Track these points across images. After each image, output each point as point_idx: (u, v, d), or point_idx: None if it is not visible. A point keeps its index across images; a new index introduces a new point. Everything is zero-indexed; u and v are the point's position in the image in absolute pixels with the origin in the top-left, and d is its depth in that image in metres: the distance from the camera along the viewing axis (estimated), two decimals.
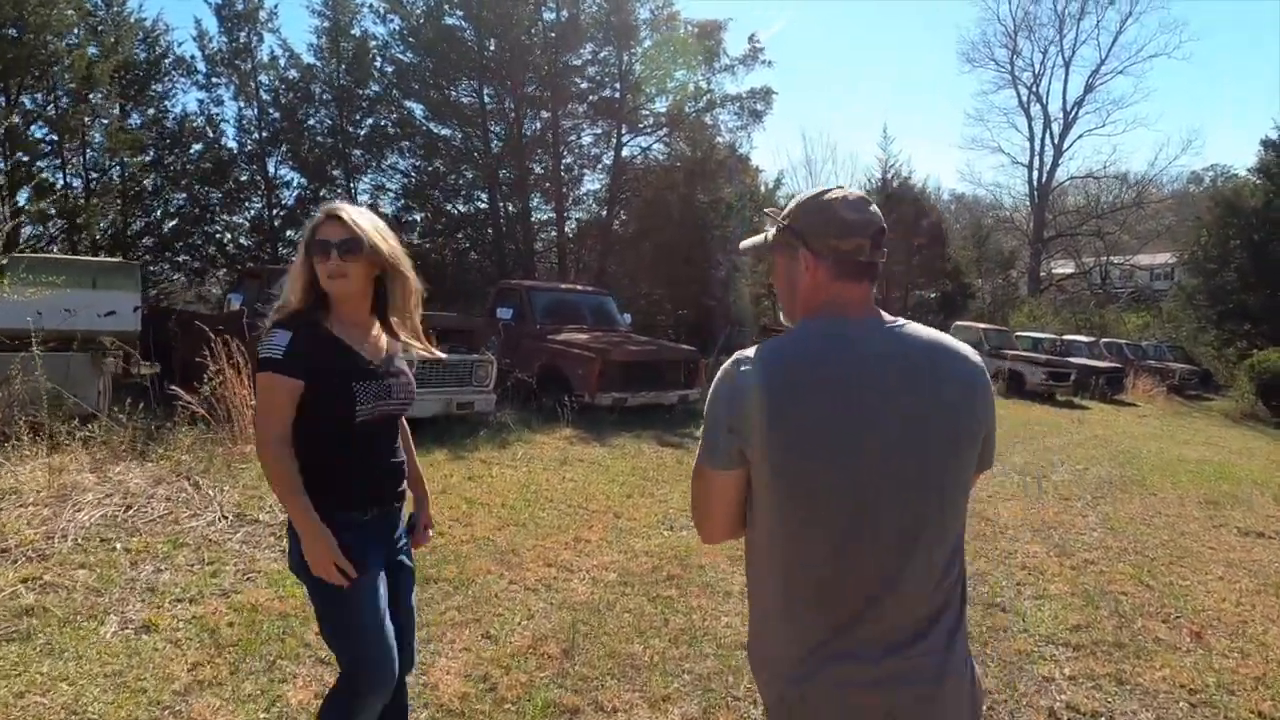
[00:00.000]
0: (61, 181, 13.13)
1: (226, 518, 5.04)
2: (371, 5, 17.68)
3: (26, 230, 12.42)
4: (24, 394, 6.14)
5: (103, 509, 4.95)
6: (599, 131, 19.86)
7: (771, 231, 1.48)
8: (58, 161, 13.19)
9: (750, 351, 1.36)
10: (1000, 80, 44.68)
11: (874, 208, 1.40)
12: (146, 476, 5.68)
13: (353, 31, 17.53)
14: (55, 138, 12.78)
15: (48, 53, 11.72)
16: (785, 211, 1.45)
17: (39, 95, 12.45)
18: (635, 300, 17.74)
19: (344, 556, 1.95)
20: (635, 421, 9.61)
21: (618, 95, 18.93)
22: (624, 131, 19.41)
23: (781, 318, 1.53)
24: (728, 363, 1.37)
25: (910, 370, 1.30)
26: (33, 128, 12.41)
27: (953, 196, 42.17)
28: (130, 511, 4.98)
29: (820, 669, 1.28)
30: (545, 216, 20.41)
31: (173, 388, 6.63)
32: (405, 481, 2.24)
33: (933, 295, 25.40)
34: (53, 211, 11.83)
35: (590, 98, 19.21)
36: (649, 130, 19.76)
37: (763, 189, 21.36)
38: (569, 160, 19.91)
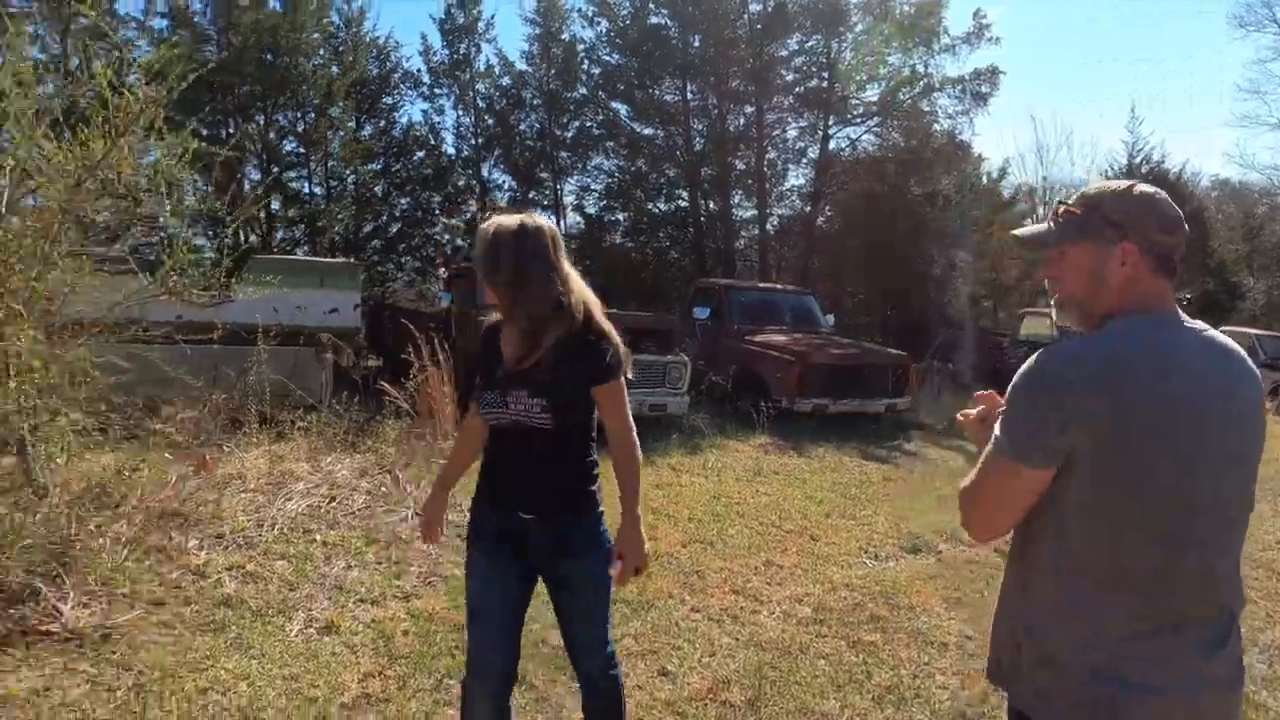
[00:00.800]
0: (306, 190, 14.56)
1: (419, 515, 5.06)
2: (580, 10, 18.17)
3: (279, 234, 13.79)
4: (256, 385, 6.62)
5: (310, 499, 5.15)
6: (804, 124, 19.10)
7: (1060, 223, 1.46)
8: (304, 172, 14.64)
9: (1073, 348, 1.33)
10: None
11: None
12: (353, 468, 5.90)
13: (562, 37, 18.05)
14: (302, 150, 14.17)
15: (298, 73, 12.95)
16: (1094, 201, 1.42)
17: (289, 112, 13.86)
18: (840, 300, 16.87)
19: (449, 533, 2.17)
20: (837, 431, 8.92)
21: (825, 85, 18.07)
22: (831, 123, 18.52)
23: (1055, 313, 1.52)
24: (1044, 359, 1.33)
25: (1234, 383, 1.34)
26: (284, 141, 13.81)
27: (1215, 182, 36.41)
28: (333, 503, 5.14)
29: (1140, 669, 1.30)
30: (747, 214, 19.96)
31: (380, 383, 6.91)
32: (552, 497, 2.13)
33: (1187, 296, 22.10)
34: (297, 217, 13.04)
35: (796, 89, 18.49)
36: (858, 120, 18.70)
37: (985, 179, 19.58)
38: (772, 155, 19.31)
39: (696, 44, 17.79)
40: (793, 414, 9.08)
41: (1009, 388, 1.37)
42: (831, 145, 18.89)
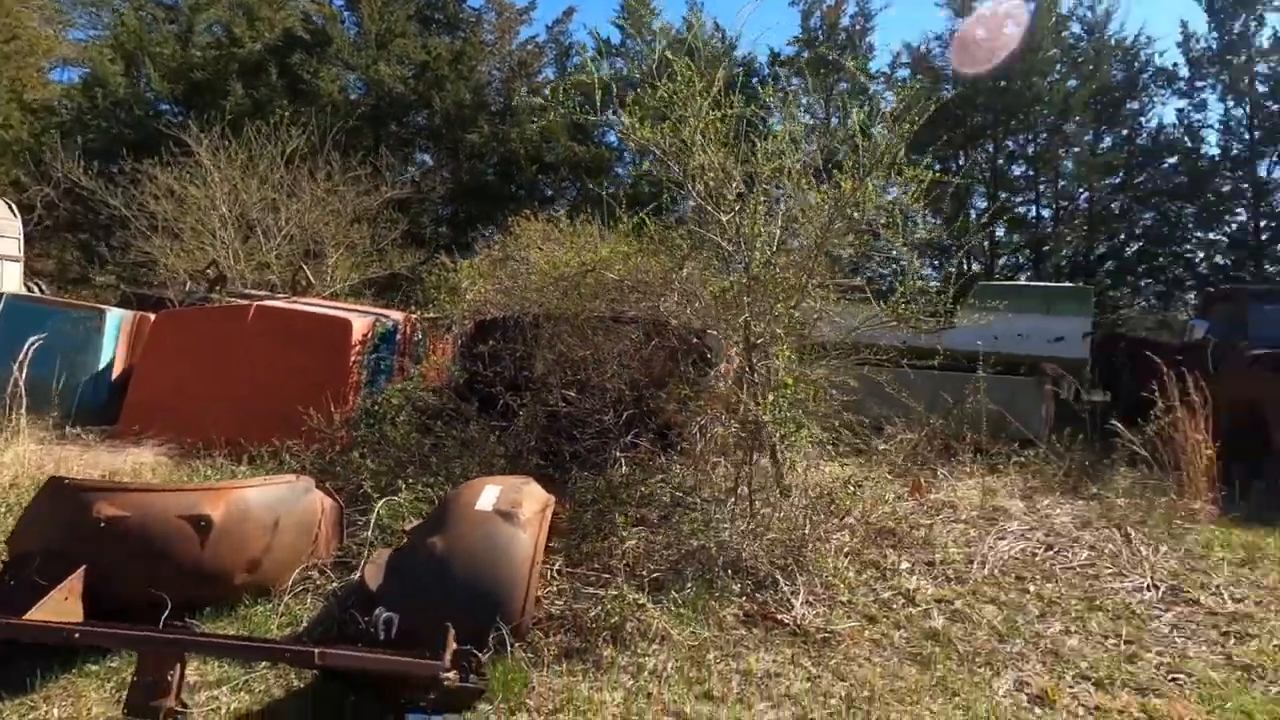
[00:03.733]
0: (1032, 213, 13.96)
1: (1156, 588, 4.19)
2: None
3: (1002, 260, 13.58)
4: (972, 414, 6.49)
5: (1023, 542, 4.75)
6: None
7: None
8: (1031, 195, 14.07)
9: None
10: None
11: None
12: (1073, 516, 5.28)
13: None
14: (1031, 173, 13.64)
15: (1031, 95, 12.55)
16: None
17: (1019, 136, 13.50)
18: None
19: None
20: None
21: None
22: None
23: None
24: None
25: None
26: (1012, 166, 13.52)
27: None
28: (1050, 552, 4.64)
29: None
30: None
31: (1113, 422, 6.04)
32: None
33: None
34: (1022, 242, 12.62)
35: None
36: None
37: None
38: None
39: None
40: None
41: None
42: None
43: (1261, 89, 14.32)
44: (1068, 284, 10.15)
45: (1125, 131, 14.89)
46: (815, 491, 4.90)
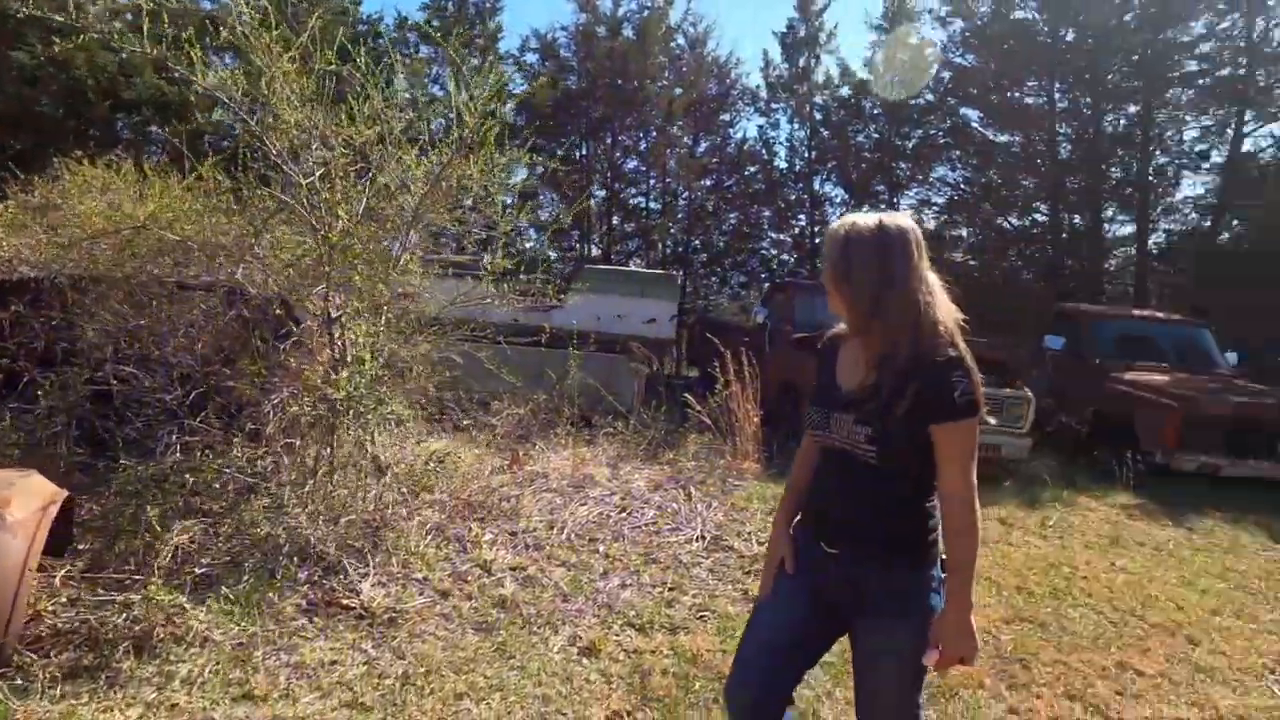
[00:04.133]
0: (643, 204, 15.32)
1: (704, 538, 4.82)
2: (932, 11, 16.97)
3: (618, 246, 14.66)
4: (572, 389, 6.90)
5: (602, 507, 5.15)
6: (1209, 122, 15.82)
7: None
8: (644, 188, 15.45)
9: None
10: None
11: None
12: (648, 480, 5.85)
13: (910, 41, 17.00)
14: (643, 168, 14.96)
15: (642, 96, 13.69)
16: None
17: (634, 132, 14.71)
18: (1250, 335, 13.62)
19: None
20: (1232, 500, 7.03)
21: (1242, 73, 14.78)
22: (1247, 118, 15.11)
23: None
24: None
25: None
26: (628, 160, 14.69)
27: None
28: (623, 514, 5.09)
29: None
30: (1121, 230, 17.10)
31: (686, 395, 6.83)
32: (859, 539, 1.83)
33: None
34: (633, 230, 13.74)
35: (1200, 81, 15.38)
36: None
37: None
38: (1162, 161, 16.30)
39: (1070, 37, 15.62)
40: (1169, 472, 7.36)
41: None
42: (1246, 145, 15.44)
43: (818, 116, 17.42)
44: (659, 270, 11.26)
45: (719, 139, 17.16)
46: (404, 469, 4.83)
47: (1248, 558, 5.65)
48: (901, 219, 1.77)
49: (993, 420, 7.21)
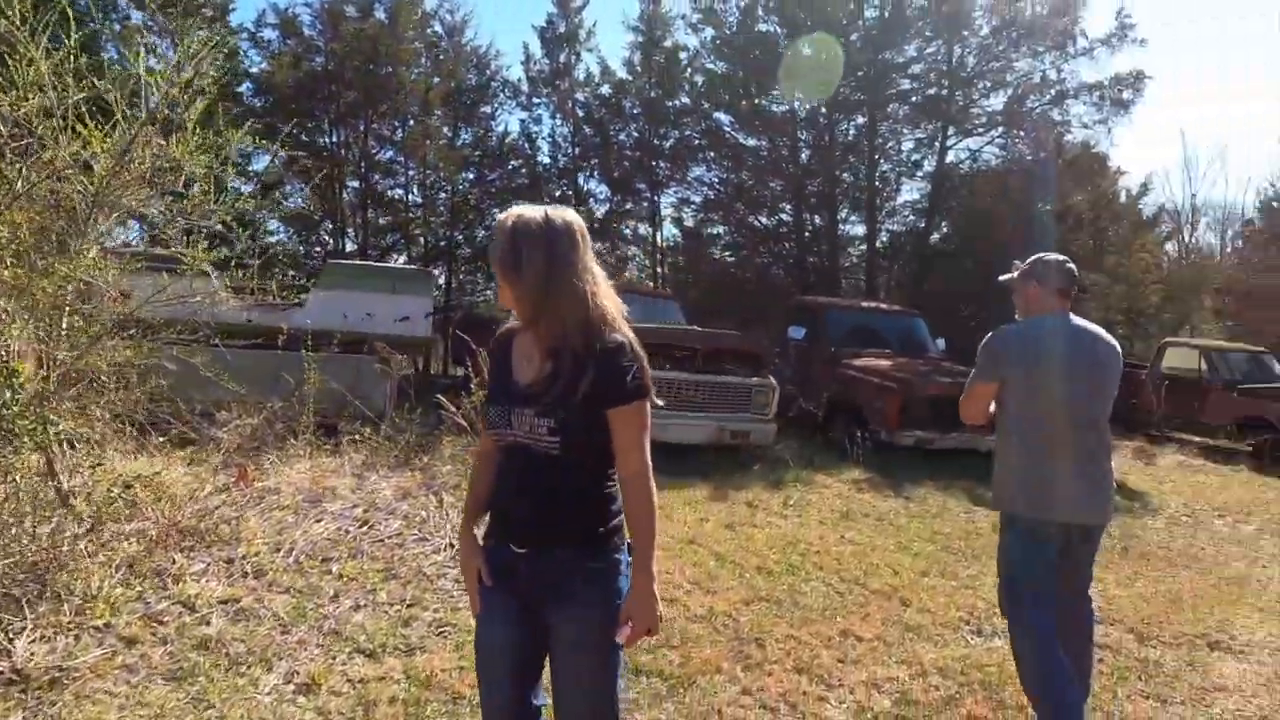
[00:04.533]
0: (401, 197, 14.60)
1: (452, 546, 4.57)
2: (685, 17, 17.72)
3: (374, 240, 13.84)
4: (312, 394, 6.30)
5: (339, 522, 4.74)
6: (921, 135, 17.95)
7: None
8: (401, 180, 14.71)
9: None
10: None
11: None
12: (397, 488, 5.50)
13: (665, 44, 17.64)
14: (400, 159, 14.24)
15: (396, 82, 13.00)
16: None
17: (389, 120, 13.95)
18: (955, 324, 15.59)
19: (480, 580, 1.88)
20: (943, 469, 7.94)
21: (945, 93, 16.89)
22: (950, 133, 17.30)
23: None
24: None
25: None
26: (383, 149, 13.90)
27: None
28: (364, 528, 4.72)
29: None
30: (854, 230, 18.93)
31: (437, 396, 6.52)
32: (545, 530, 1.81)
33: None
34: (392, 225, 13.03)
35: (913, 98, 17.38)
36: (980, 130, 17.42)
37: (1123, 195, 17.82)
38: (885, 168, 18.23)
39: (806, 51, 16.99)
40: (892, 448, 8.18)
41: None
42: (950, 157, 17.68)
43: (581, 114, 17.57)
44: (414, 266, 10.78)
45: (481, 132, 16.76)
46: (99, 497, 4.13)
47: (951, 520, 6.37)
48: (567, 212, 1.81)
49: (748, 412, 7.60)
